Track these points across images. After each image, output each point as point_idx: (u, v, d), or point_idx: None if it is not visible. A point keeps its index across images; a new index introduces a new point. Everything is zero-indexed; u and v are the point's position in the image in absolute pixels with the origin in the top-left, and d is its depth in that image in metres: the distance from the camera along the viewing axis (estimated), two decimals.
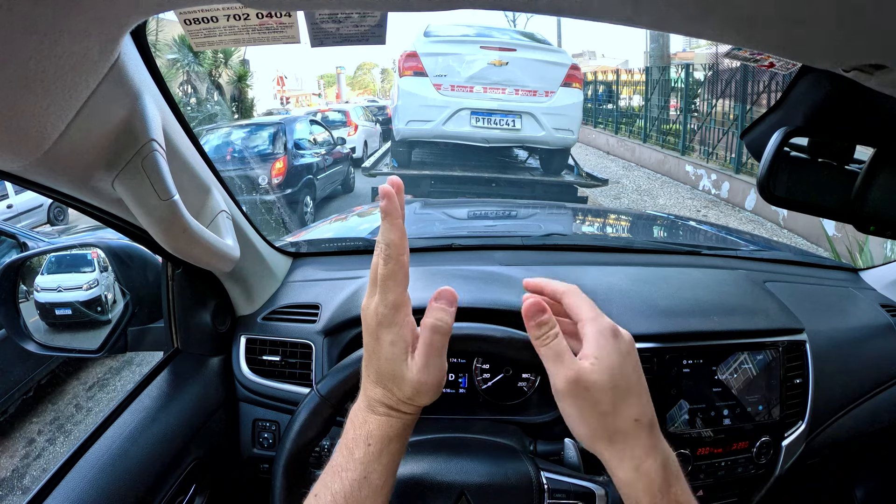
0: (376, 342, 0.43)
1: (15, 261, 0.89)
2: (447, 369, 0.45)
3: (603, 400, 0.40)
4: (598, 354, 0.41)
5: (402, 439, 0.45)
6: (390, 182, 0.41)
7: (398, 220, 0.41)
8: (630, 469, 0.40)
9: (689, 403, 0.82)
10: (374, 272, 0.42)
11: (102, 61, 0.40)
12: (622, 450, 0.40)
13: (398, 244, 0.41)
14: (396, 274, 0.41)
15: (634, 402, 0.41)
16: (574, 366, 0.41)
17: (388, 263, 0.41)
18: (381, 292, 0.42)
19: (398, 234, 0.41)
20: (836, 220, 0.57)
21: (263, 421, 0.90)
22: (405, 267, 0.42)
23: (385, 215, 0.41)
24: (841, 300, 1.11)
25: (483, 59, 4.82)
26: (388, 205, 0.40)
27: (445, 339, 0.44)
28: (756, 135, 0.61)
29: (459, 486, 0.60)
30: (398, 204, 0.41)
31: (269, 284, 0.98)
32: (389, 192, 0.40)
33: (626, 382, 0.41)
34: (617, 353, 0.42)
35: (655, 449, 0.41)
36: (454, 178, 4.95)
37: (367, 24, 0.43)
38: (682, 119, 8.53)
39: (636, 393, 0.42)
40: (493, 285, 0.92)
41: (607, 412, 0.40)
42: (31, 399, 3.11)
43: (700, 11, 0.33)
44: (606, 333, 0.42)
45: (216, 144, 5.83)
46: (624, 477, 0.40)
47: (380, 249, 0.41)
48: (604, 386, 0.40)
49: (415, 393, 0.43)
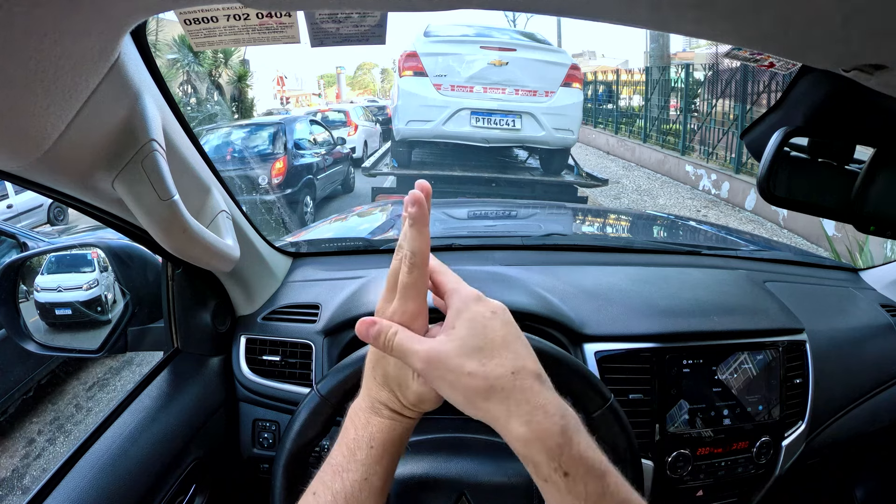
0: None
1: (15, 261, 0.89)
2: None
3: (466, 364, 0.38)
4: (454, 323, 0.40)
5: (403, 442, 0.45)
6: (420, 187, 0.40)
7: (426, 227, 0.40)
8: (520, 424, 0.37)
9: (689, 403, 0.82)
10: (393, 277, 0.41)
11: (102, 61, 0.40)
12: (507, 407, 0.38)
13: (425, 253, 0.40)
14: (419, 284, 0.41)
15: (508, 355, 0.39)
16: (424, 345, 0.39)
17: (412, 272, 0.40)
18: (400, 300, 0.41)
19: (426, 243, 0.40)
20: (836, 220, 0.57)
21: (263, 421, 0.90)
22: (427, 277, 0.41)
23: (413, 222, 0.39)
24: (841, 300, 1.11)
25: (483, 59, 4.82)
26: (419, 212, 0.39)
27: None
28: (756, 135, 0.61)
29: (459, 485, 0.60)
30: (427, 211, 0.40)
31: (269, 284, 0.97)
32: (420, 199, 0.39)
33: (492, 340, 0.39)
34: (479, 316, 0.40)
35: (549, 403, 0.38)
36: (454, 178, 4.95)
37: (367, 23, 0.43)
38: (682, 119, 8.52)
39: (509, 348, 0.39)
40: (493, 285, 0.92)
41: (475, 372, 0.38)
42: (31, 399, 3.10)
43: (700, 11, 0.33)
44: (467, 300, 0.41)
45: (216, 144, 5.83)
46: (517, 433, 0.37)
47: (404, 256, 0.40)
48: (461, 350, 0.38)
49: (419, 400, 0.43)
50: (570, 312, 0.86)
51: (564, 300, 0.89)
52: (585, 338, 0.83)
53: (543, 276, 0.97)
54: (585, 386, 0.59)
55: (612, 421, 0.59)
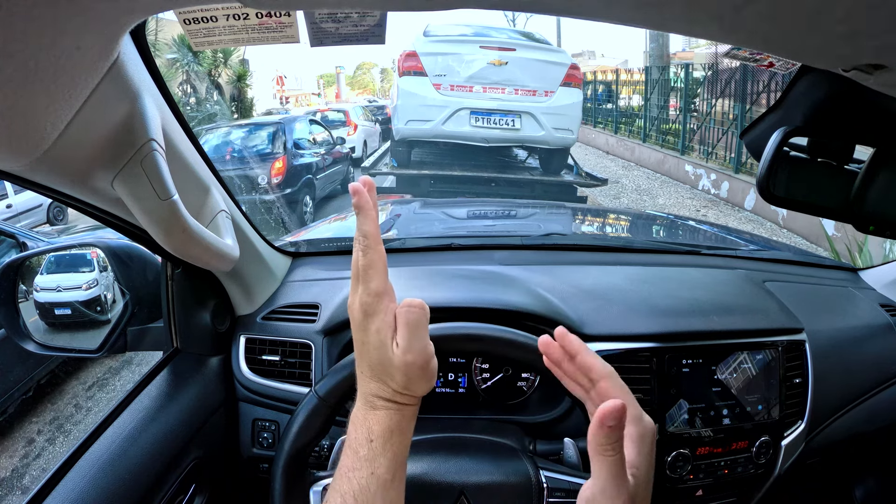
0: (364, 334, 0.44)
1: (14, 260, 0.89)
2: (445, 368, 0.45)
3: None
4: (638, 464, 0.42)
5: (404, 432, 0.45)
6: (361, 181, 0.44)
7: (371, 212, 0.43)
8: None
9: (689, 403, 0.82)
10: (354, 267, 0.44)
11: (102, 61, 0.40)
12: None
13: (375, 234, 0.43)
14: (376, 263, 0.43)
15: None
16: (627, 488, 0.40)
17: (367, 254, 0.43)
18: (363, 282, 0.43)
19: (373, 226, 0.43)
20: (836, 220, 0.57)
21: (263, 421, 0.90)
22: (383, 256, 0.43)
23: (358, 210, 0.43)
24: (840, 300, 1.11)
25: (482, 58, 4.82)
26: (360, 199, 0.43)
27: (422, 315, 0.44)
28: (755, 134, 0.61)
29: (459, 486, 0.60)
30: (369, 199, 0.43)
31: (269, 284, 0.97)
32: (359, 189, 0.43)
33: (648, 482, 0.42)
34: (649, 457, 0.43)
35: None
36: (454, 178, 4.95)
37: (367, 23, 0.43)
38: (682, 119, 8.52)
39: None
40: (493, 285, 0.92)
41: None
42: (30, 399, 3.10)
43: (699, 11, 0.33)
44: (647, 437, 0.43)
45: (216, 144, 5.82)
46: None
47: (357, 243, 0.43)
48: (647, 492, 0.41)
49: (406, 379, 0.43)
50: (569, 312, 0.86)
51: (564, 300, 0.89)
52: (585, 337, 0.83)
53: (543, 275, 0.97)
54: None
55: None
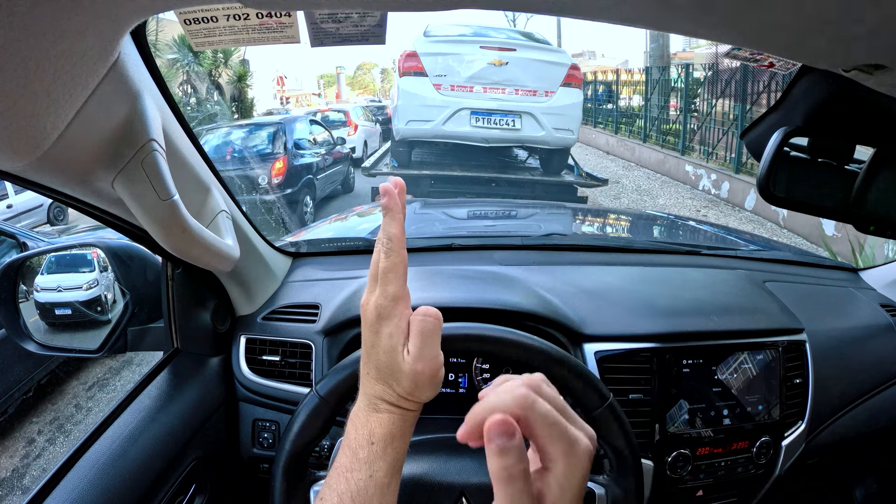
0: (375, 336, 0.43)
1: (15, 261, 0.89)
2: (446, 368, 0.45)
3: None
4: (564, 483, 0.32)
5: (405, 437, 0.45)
6: (393, 182, 0.43)
7: (399, 215, 0.43)
8: None
9: (689, 403, 0.82)
10: (374, 267, 0.43)
11: (102, 61, 0.40)
12: None
13: (400, 238, 0.42)
14: (398, 267, 0.42)
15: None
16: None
17: (389, 256, 0.42)
18: (381, 285, 0.43)
19: (399, 229, 0.42)
20: (836, 220, 0.57)
21: (263, 421, 0.90)
22: (405, 260, 0.43)
23: (386, 211, 0.42)
24: (841, 300, 1.11)
25: (483, 58, 4.82)
26: (390, 201, 0.42)
27: (436, 325, 0.44)
28: (756, 135, 0.61)
29: (459, 486, 0.60)
30: (399, 201, 0.43)
31: (269, 284, 0.97)
32: (390, 190, 0.42)
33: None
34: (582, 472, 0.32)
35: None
36: (454, 178, 4.95)
37: (367, 23, 0.43)
38: (682, 119, 8.52)
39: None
40: (493, 285, 0.92)
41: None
42: (30, 399, 3.10)
43: (699, 11, 0.33)
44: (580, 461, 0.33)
45: (216, 144, 5.81)
46: None
47: (381, 244, 0.42)
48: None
49: (413, 386, 0.43)
50: (569, 312, 0.86)
51: (564, 300, 0.89)
52: (585, 338, 0.83)
53: (543, 276, 0.97)
54: (585, 385, 0.59)
55: (612, 420, 0.59)
